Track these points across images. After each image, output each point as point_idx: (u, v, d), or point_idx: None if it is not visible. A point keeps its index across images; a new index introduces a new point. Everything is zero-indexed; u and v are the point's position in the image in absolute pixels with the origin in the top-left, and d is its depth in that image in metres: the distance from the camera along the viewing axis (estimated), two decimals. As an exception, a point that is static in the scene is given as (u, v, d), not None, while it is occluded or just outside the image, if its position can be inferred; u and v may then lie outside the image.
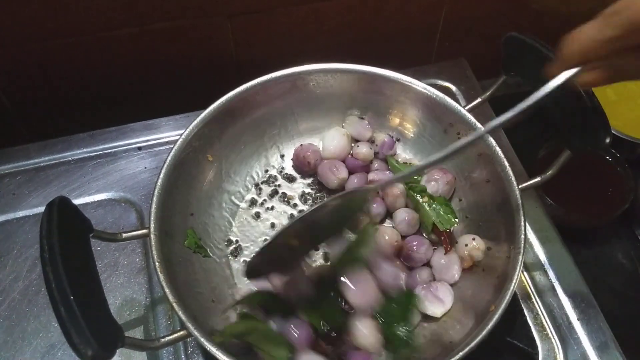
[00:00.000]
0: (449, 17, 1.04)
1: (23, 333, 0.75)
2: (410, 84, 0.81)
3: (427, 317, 0.75)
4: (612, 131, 0.90)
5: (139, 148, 0.89)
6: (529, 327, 0.77)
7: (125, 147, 0.90)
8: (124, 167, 0.88)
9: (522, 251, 0.68)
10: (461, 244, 0.77)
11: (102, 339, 0.55)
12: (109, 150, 0.90)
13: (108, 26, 0.91)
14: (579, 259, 0.88)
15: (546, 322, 0.77)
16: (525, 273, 0.81)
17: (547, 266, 0.81)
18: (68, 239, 0.60)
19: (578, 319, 0.77)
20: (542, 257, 0.82)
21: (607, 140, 0.65)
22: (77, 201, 0.84)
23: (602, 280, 0.90)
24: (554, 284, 0.80)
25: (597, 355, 0.75)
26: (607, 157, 0.97)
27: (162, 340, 0.63)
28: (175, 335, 0.64)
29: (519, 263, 0.67)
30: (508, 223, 0.72)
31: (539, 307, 0.78)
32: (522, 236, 0.68)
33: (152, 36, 0.94)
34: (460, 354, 0.62)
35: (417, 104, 0.83)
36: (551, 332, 0.76)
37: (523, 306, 0.78)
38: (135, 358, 0.73)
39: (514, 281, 0.66)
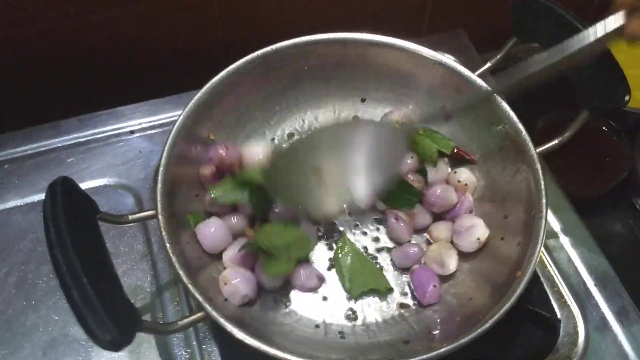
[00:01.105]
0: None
1: (22, 328, 0.71)
2: (417, 52, 0.79)
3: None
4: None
5: (132, 132, 0.86)
6: (547, 295, 0.75)
7: (117, 131, 0.86)
8: (117, 152, 0.84)
9: (544, 215, 0.66)
10: (453, 180, 0.78)
11: (120, 323, 0.52)
12: (100, 135, 0.86)
13: (92, 9, 0.87)
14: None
15: (564, 289, 0.76)
16: (540, 241, 0.79)
17: (561, 234, 0.80)
18: (75, 220, 0.56)
19: (595, 285, 0.76)
20: (556, 226, 0.81)
21: (627, 98, 0.64)
22: (76, 187, 0.81)
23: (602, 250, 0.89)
24: (569, 252, 0.79)
25: (616, 320, 0.74)
26: (604, 127, 0.96)
27: (180, 323, 0.60)
28: (193, 317, 0.61)
29: (542, 227, 0.66)
30: (527, 188, 0.70)
31: (556, 275, 0.77)
32: (544, 200, 0.67)
33: (137, 17, 0.90)
34: (490, 321, 0.61)
35: (425, 72, 0.80)
36: (569, 299, 0.75)
37: (540, 275, 0.77)
38: (144, 345, 0.70)
39: (539, 245, 0.65)
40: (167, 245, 0.63)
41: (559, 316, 0.74)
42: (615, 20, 0.52)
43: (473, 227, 0.72)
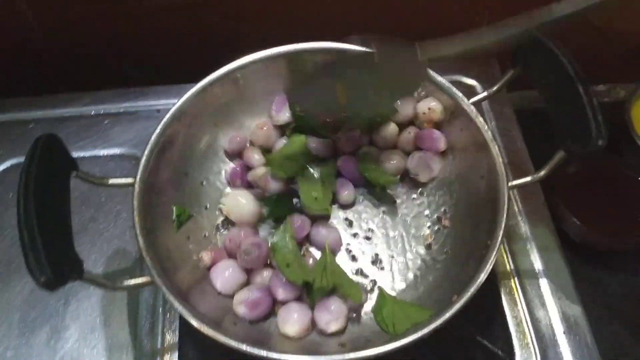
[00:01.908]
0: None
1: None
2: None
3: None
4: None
5: (158, 110, 0.92)
6: (510, 333, 0.74)
7: (145, 108, 0.93)
8: (141, 126, 0.91)
9: (497, 245, 0.66)
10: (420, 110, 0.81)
11: (58, 268, 0.57)
12: (131, 110, 0.93)
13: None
14: (597, 282, 0.85)
15: (529, 330, 0.74)
16: (516, 278, 0.78)
17: (541, 274, 0.78)
18: (47, 173, 0.63)
19: (564, 332, 0.74)
20: (538, 264, 0.79)
21: (600, 143, 0.62)
22: (91, 152, 0.89)
23: (620, 309, 0.85)
24: (545, 294, 0.77)
25: (578, 373, 0.71)
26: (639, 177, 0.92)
27: (125, 282, 0.65)
28: (139, 280, 0.65)
29: (492, 256, 0.65)
30: (493, 219, 0.69)
31: (524, 313, 0.75)
32: (501, 231, 0.66)
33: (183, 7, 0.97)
34: (404, 340, 0.62)
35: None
36: (532, 341, 0.74)
37: (507, 310, 0.76)
38: (117, 303, 0.77)
39: (483, 273, 0.64)
40: (134, 212, 0.69)
41: (516, 356, 0.72)
42: None
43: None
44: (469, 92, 0.89)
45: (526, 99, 0.97)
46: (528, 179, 0.69)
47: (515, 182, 0.70)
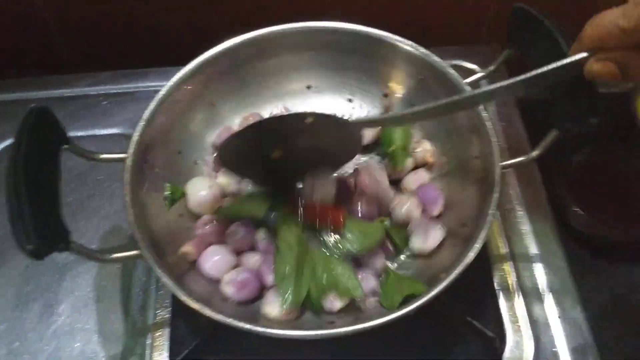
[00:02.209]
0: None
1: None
2: (409, 49, 0.80)
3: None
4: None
5: (157, 91, 0.92)
6: (501, 315, 0.73)
7: (144, 89, 0.94)
8: (139, 108, 0.89)
9: (486, 225, 0.65)
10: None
11: (44, 237, 0.58)
12: (130, 90, 0.94)
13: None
14: (602, 274, 0.84)
15: (522, 313, 0.73)
16: (510, 262, 0.77)
17: (536, 259, 0.78)
18: (38, 144, 0.63)
19: (558, 317, 0.73)
20: (533, 249, 0.78)
21: (593, 121, 0.61)
22: (90, 132, 0.90)
23: (624, 300, 0.84)
24: (539, 278, 0.76)
25: (571, 357, 0.71)
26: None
27: (113, 255, 0.65)
28: (127, 253, 0.66)
29: (481, 237, 0.64)
30: (484, 198, 0.69)
31: (518, 296, 0.74)
32: (491, 210, 0.65)
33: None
34: (392, 316, 0.61)
35: (416, 70, 0.81)
36: (525, 324, 0.73)
37: (500, 294, 0.75)
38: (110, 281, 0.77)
39: (471, 254, 0.63)
40: (126, 186, 0.69)
41: (507, 339, 0.72)
42: (576, 55, 0.51)
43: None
44: (468, 75, 0.89)
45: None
46: (522, 158, 0.69)
47: (508, 162, 0.69)
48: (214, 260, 0.73)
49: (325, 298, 0.69)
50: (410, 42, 0.78)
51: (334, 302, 0.69)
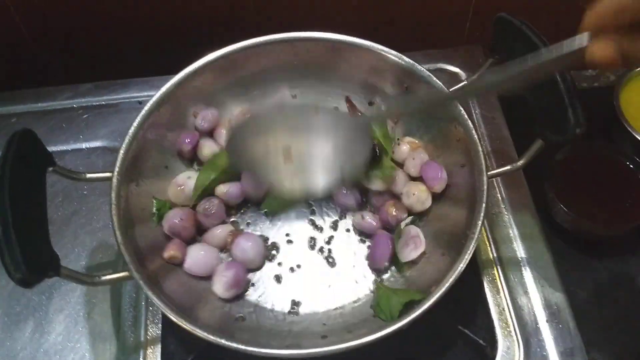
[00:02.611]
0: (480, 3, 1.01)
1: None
2: (392, 58, 0.80)
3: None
4: (637, 136, 0.87)
5: (140, 102, 0.92)
6: (492, 321, 0.74)
7: (127, 100, 0.93)
8: (122, 119, 0.91)
9: (475, 237, 0.65)
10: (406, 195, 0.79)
11: (34, 265, 0.57)
12: (112, 102, 0.93)
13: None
14: (587, 269, 0.85)
15: (512, 318, 0.74)
16: (498, 267, 0.78)
17: (524, 262, 0.78)
18: (23, 169, 0.63)
19: (547, 321, 0.74)
20: (521, 252, 0.79)
21: (577, 131, 0.62)
22: (73, 146, 0.89)
23: (609, 294, 0.85)
24: (527, 281, 0.77)
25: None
26: (632, 166, 0.91)
27: (102, 277, 0.65)
28: (117, 275, 0.65)
29: (470, 248, 0.65)
30: (472, 208, 0.69)
31: (507, 302, 0.75)
32: (479, 221, 0.66)
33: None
34: (384, 331, 0.62)
35: (400, 79, 0.81)
36: (515, 329, 0.74)
37: (490, 299, 0.76)
38: (99, 297, 0.77)
39: (462, 264, 0.64)
40: (112, 205, 0.68)
41: (499, 345, 0.72)
42: (577, 41, 0.51)
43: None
44: (453, 79, 0.90)
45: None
46: (508, 167, 0.69)
47: (494, 172, 0.70)
48: (200, 257, 0.75)
49: None
50: (394, 52, 0.78)
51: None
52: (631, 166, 0.90)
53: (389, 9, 1.01)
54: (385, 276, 0.76)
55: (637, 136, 0.88)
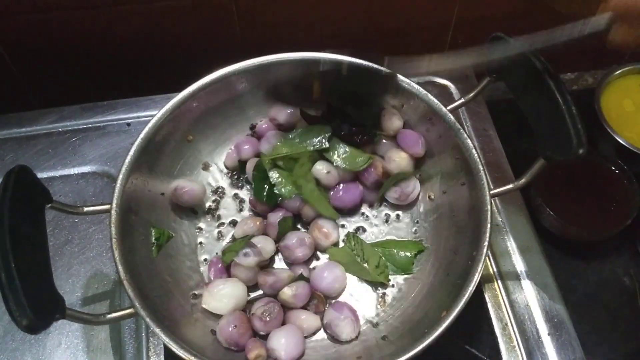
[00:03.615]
0: (462, 13, 1.01)
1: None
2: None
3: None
4: (624, 143, 0.88)
5: (128, 124, 0.90)
6: (496, 337, 0.75)
7: (115, 122, 0.91)
8: (111, 142, 0.89)
9: (483, 257, 0.66)
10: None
11: (40, 310, 0.56)
12: (99, 124, 0.91)
13: (114, 1, 0.91)
14: (576, 272, 0.86)
15: (514, 333, 0.75)
16: (499, 281, 0.79)
17: (523, 276, 0.79)
18: (21, 208, 0.61)
19: (548, 334, 0.75)
20: (520, 266, 0.80)
21: (581, 152, 0.62)
22: (61, 172, 0.87)
23: (597, 295, 0.87)
24: (528, 295, 0.78)
25: (563, 372, 0.72)
26: (615, 170, 0.93)
27: (108, 316, 0.64)
28: (122, 312, 0.64)
29: (479, 269, 0.65)
30: (476, 228, 0.69)
31: (509, 317, 0.76)
32: (486, 243, 0.66)
33: (156, 14, 0.94)
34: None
35: (397, 98, 0.80)
36: (518, 344, 0.74)
37: (492, 315, 0.76)
38: (96, 328, 0.75)
39: (471, 287, 0.64)
40: (113, 240, 0.67)
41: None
42: (602, 21, 0.51)
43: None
44: (443, 92, 0.90)
45: (497, 90, 0.97)
46: (510, 186, 0.70)
47: (496, 191, 0.70)
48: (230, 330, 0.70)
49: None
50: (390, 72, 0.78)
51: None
52: (616, 170, 0.91)
53: (369, 19, 1.01)
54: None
55: (619, 139, 0.90)
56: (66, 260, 0.81)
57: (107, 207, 0.69)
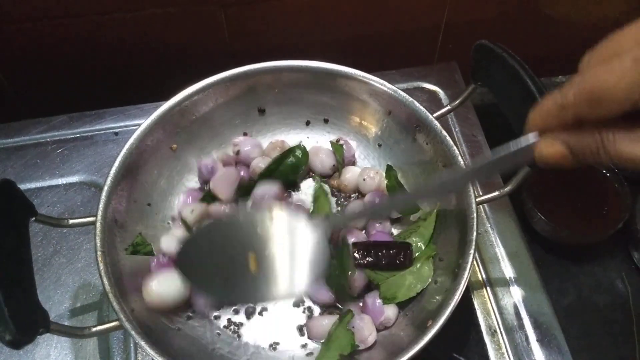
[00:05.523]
0: (452, 18, 1.01)
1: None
2: (377, 85, 0.79)
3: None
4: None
5: (116, 133, 0.90)
6: (485, 344, 0.75)
7: (102, 132, 0.91)
8: (99, 152, 0.89)
9: (469, 266, 0.65)
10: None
11: (23, 324, 0.56)
12: (87, 134, 0.91)
13: (101, 9, 0.91)
14: (567, 276, 0.86)
15: (503, 340, 0.75)
16: (488, 288, 0.79)
17: (512, 283, 0.79)
18: (4, 222, 0.60)
19: (537, 340, 0.75)
20: (509, 273, 0.80)
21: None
22: (48, 182, 0.87)
23: (589, 299, 0.87)
24: (517, 302, 0.77)
25: (552, 378, 0.72)
26: (606, 173, 0.93)
27: (93, 329, 0.63)
28: (107, 325, 0.64)
29: (465, 277, 0.65)
30: (462, 235, 0.69)
31: (498, 323, 0.76)
32: (472, 250, 0.66)
33: (143, 22, 0.94)
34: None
35: (384, 105, 0.80)
36: (507, 351, 0.74)
37: (481, 322, 0.76)
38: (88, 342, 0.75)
39: (457, 296, 0.64)
40: (98, 252, 0.67)
41: (491, 367, 0.73)
42: (523, 141, 0.50)
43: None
44: (431, 97, 0.90)
45: (488, 94, 0.97)
46: (496, 193, 0.70)
47: (483, 198, 0.70)
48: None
49: None
50: (377, 79, 0.77)
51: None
52: (607, 174, 0.91)
53: (359, 25, 1.01)
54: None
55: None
56: (54, 271, 0.80)
57: (92, 219, 0.69)
